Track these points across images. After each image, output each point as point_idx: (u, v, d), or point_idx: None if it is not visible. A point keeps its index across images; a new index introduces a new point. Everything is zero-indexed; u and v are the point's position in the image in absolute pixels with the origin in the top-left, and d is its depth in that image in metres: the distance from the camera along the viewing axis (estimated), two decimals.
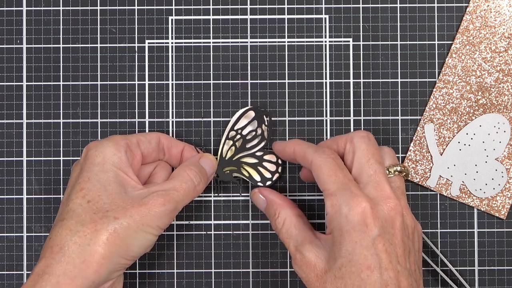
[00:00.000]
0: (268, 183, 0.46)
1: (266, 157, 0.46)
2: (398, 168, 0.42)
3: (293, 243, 0.41)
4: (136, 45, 0.49)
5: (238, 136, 0.46)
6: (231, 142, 0.46)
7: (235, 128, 0.46)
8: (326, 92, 0.48)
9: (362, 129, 0.48)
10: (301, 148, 0.42)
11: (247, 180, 0.46)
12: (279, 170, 0.46)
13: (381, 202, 0.38)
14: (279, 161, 0.47)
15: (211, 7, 0.49)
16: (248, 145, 0.46)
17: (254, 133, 0.46)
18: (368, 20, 0.49)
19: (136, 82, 0.48)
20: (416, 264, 0.40)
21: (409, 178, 0.48)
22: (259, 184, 0.46)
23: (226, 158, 0.46)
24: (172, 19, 0.49)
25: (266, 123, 0.46)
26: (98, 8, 0.49)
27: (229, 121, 0.47)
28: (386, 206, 0.38)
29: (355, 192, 0.38)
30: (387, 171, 0.41)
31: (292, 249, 0.41)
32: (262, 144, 0.46)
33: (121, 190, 0.40)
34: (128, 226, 0.38)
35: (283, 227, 0.42)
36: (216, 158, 0.46)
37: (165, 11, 0.49)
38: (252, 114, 0.46)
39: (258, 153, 0.46)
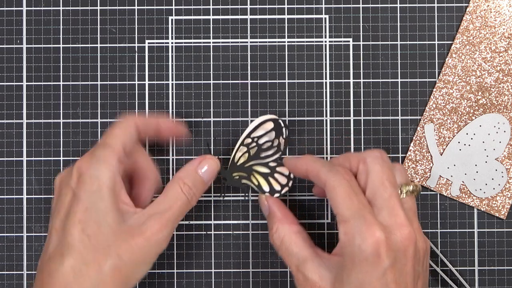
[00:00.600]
0: (276, 195, 0.45)
1: (278, 169, 0.45)
2: (410, 188, 0.40)
3: (294, 263, 0.40)
4: (136, 45, 0.49)
5: (253, 144, 0.44)
6: (245, 149, 0.45)
7: (252, 135, 0.44)
8: (326, 92, 0.48)
9: (362, 129, 0.48)
10: (314, 167, 0.40)
11: (256, 188, 0.45)
12: (290, 184, 0.45)
13: (395, 230, 0.37)
14: (291, 176, 0.45)
15: (211, 7, 0.49)
16: (262, 154, 0.45)
17: (270, 143, 0.45)
18: (368, 20, 0.49)
19: (136, 82, 0.48)
20: (423, 286, 0.39)
21: (409, 178, 0.48)
22: (267, 194, 0.45)
23: (238, 164, 0.45)
24: (172, 19, 0.49)
25: (284, 136, 0.45)
26: (98, 8, 0.49)
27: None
28: (400, 234, 0.37)
29: (369, 221, 0.37)
30: (399, 191, 0.40)
31: (293, 269, 0.40)
32: (277, 155, 0.45)
33: (119, 218, 0.38)
34: (130, 262, 0.37)
35: (282, 244, 0.41)
36: (219, 158, 0.45)
37: (165, 11, 0.49)
38: (271, 125, 0.45)
39: (271, 164, 0.45)
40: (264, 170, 0.45)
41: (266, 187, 0.45)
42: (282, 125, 0.45)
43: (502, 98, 0.48)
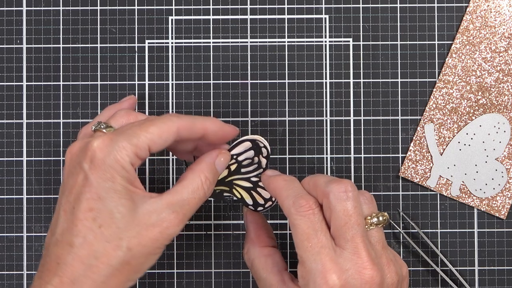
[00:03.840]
0: (260, 209, 0.43)
1: (261, 183, 0.43)
2: (375, 221, 0.38)
3: (262, 286, 0.40)
4: (136, 45, 0.49)
5: (233, 161, 0.42)
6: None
7: (232, 153, 0.42)
8: (326, 92, 0.48)
9: (362, 129, 0.48)
10: (281, 195, 0.39)
11: (239, 201, 0.43)
12: (273, 199, 0.43)
13: (355, 273, 0.36)
14: None
15: (211, 7, 0.49)
16: (243, 170, 0.43)
17: (250, 160, 0.42)
18: (368, 20, 0.49)
19: (136, 82, 0.48)
20: None
21: (409, 179, 0.48)
22: (250, 207, 0.43)
23: (219, 179, 0.42)
24: (172, 19, 0.49)
25: (263, 155, 0.42)
26: (98, 8, 0.49)
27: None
28: (361, 278, 0.36)
29: (326, 266, 0.36)
30: (365, 223, 0.38)
31: None
32: (259, 171, 0.43)
33: (132, 206, 0.36)
34: (140, 256, 0.36)
35: (252, 267, 0.40)
36: None
37: (165, 11, 0.49)
38: (249, 145, 0.42)
39: (254, 179, 0.43)
40: (246, 184, 0.43)
41: (249, 200, 0.43)
42: (261, 145, 0.42)
43: (502, 98, 0.48)
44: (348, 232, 0.36)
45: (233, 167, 0.42)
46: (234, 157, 0.42)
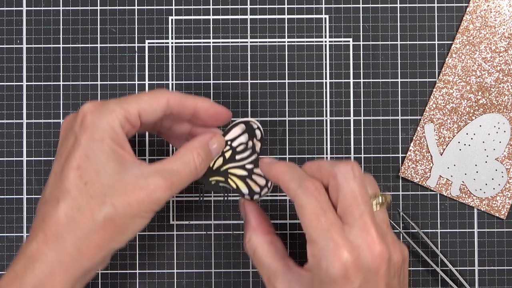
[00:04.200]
0: (256, 197, 0.43)
1: (256, 170, 0.43)
2: (380, 200, 0.39)
3: (266, 274, 0.39)
4: (136, 45, 0.49)
5: (227, 147, 0.42)
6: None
7: (225, 139, 0.42)
8: (326, 92, 0.48)
9: (362, 129, 0.48)
10: (284, 179, 0.39)
11: (235, 191, 0.43)
12: (269, 184, 0.43)
13: (366, 249, 0.36)
14: None
15: (211, 7, 0.49)
16: (238, 157, 0.43)
17: (244, 145, 0.43)
18: (368, 20, 0.49)
19: (136, 82, 0.48)
20: None
21: (409, 178, 0.48)
22: (246, 197, 0.43)
23: (214, 168, 0.42)
24: (172, 19, 0.49)
25: (257, 138, 0.43)
26: (98, 8, 0.49)
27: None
28: (371, 254, 0.36)
29: (337, 242, 0.36)
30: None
31: (265, 279, 0.39)
32: (253, 157, 0.43)
33: (120, 169, 0.37)
34: (125, 214, 0.36)
35: (254, 255, 0.40)
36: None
37: (165, 11, 0.49)
38: (243, 127, 0.43)
39: (248, 166, 0.43)
40: (241, 172, 0.43)
41: (244, 190, 0.43)
42: (255, 126, 0.43)
43: (502, 98, 0.48)
44: (356, 210, 0.37)
45: (227, 154, 0.42)
46: (228, 143, 0.42)
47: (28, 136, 0.48)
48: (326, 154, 0.48)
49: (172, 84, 0.48)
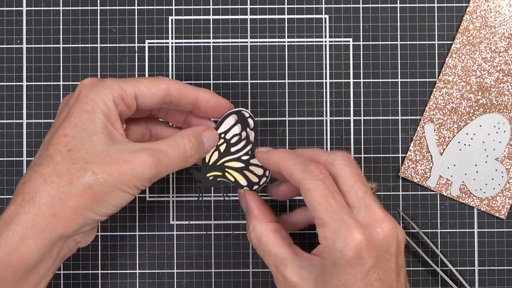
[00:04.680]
0: (255, 187, 0.43)
1: (252, 161, 0.43)
2: (373, 186, 0.40)
3: (273, 263, 0.39)
4: (136, 45, 0.49)
5: (222, 141, 0.42)
6: (214, 147, 0.43)
7: (218, 132, 0.42)
8: (326, 92, 0.48)
9: (362, 129, 0.48)
10: (286, 165, 0.39)
11: (233, 184, 0.43)
12: (267, 174, 0.43)
13: (376, 228, 0.37)
14: None
15: (211, 7, 0.49)
16: (233, 149, 0.43)
17: (238, 137, 0.43)
18: (368, 20, 0.49)
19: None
20: (405, 278, 0.39)
21: (409, 179, 0.48)
22: (246, 188, 0.43)
23: (210, 164, 0.42)
24: (172, 19, 0.49)
25: (250, 127, 0.43)
26: (98, 8, 0.49)
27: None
28: (382, 232, 0.37)
29: (349, 223, 0.36)
30: None
31: (272, 268, 0.39)
32: (248, 147, 0.43)
33: (107, 141, 0.37)
34: (104, 183, 0.36)
35: (260, 244, 0.40)
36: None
37: (165, 11, 0.49)
38: (235, 117, 0.43)
39: (244, 157, 0.43)
40: (238, 164, 0.43)
41: (243, 182, 0.43)
42: (247, 115, 0.42)
43: (502, 98, 0.48)
44: (359, 191, 0.38)
45: (222, 148, 0.42)
46: (222, 135, 0.42)
47: (28, 136, 0.48)
48: None
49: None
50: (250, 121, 0.43)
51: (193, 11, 0.49)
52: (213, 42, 0.49)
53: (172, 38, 0.49)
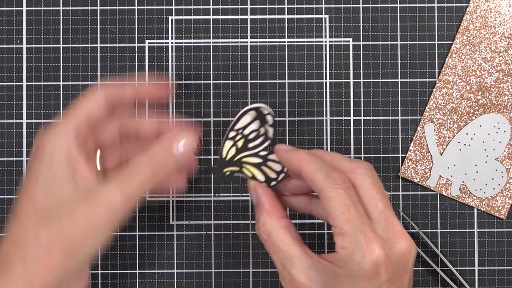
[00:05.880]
0: (273, 183, 0.42)
1: (270, 156, 0.42)
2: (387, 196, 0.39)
3: (281, 260, 0.38)
4: (136, 45, 0.49)
5: (239, 136, 0.42)
6: (231, 142, 0.42)
7: (235, 128, 0.42)
8: (326, 92, 0.48)
9: (362, 129, 0.48)
10: (309, 169, 0.38)
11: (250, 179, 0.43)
12: (285, 169, 0.42)
13: (395, 244, 0.36)
14: None
15: (211, 7, 0.49)
16: (251, 145, 0.42)
17: (256, 132, 0.42)
18: (368, 20, 0.49)
19: (136, 82, 0.48)
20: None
21: (409, 179, 0.48)
22: (257, 182, 0.42)
23: (227, 159, 0.42)
24: (172, 19, 0.49)
25: (269, 123, 0.42)
26: (98, 8, 0.49)
27: (230, 121, 0.46)
28: (401, 248, 0.36)
29: (369, 236, 0.35)
30: None
31: (279, 266, 0.38)
32: (266, 143, 0.42)
33: (70, 187, 0.36)
34: (73, 233, 0.35)
35: (269, 239, 0.38)
36: (200, 138, 0.42)
37: (165, 11, 0.49)
38: (253, 114, 0.42)
39: (262, 153, 0.42)
40: (256, 160, 0.42)
41: (261, 177, 0.42)
42: (265, 112, 0.42)
43: (502, 98, 0.48)
44: (380, 203, 0.37)
45: (240, 143, 0.42)
46: (240, 131, 0.42)
47: (28, 136, 0.48)
48: None
49: (172, 84, 0.48)
50: (269, 117, 0.42)
51: (193, 11, 0.49)
52: (213, 42, 0.49)
53: (172, 38, 0.49)
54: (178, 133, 0.39)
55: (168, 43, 0.49)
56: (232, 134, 0.42)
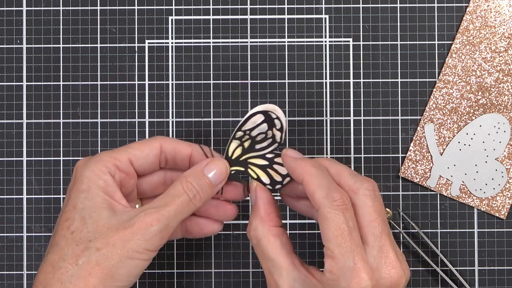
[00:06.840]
0: (278, 186, 0.41)
1: (277, 159, 0.41)
2: (389, 214, 0.39)
3: (268, 268, 0.38)
4: (136, 45, 0.49)
5: (246, 137, 0.41)
6: (238, 142, 0.41)
7: (243, 128, 0.41)
8: (326, 92, 0.48)
9: (362, 129, 0.48)
10: (310, 184, 0.37)
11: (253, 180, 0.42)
12: None
13: (384, 273, 0.36)
14: None
15: (211, 7, 0.49)
16: (258, 146, 0.42)
17: (264, 135, 0.41)
18: (368, 20, 0.49)
19: (136, 82, 0.48)
20: None
21: (409, 179, 0.48)
22: (268, 187, 0.41)
23: (233, 158, 0.41)
24: (172, 19, 0.49)
25: (277, 127, 0.41)
26: (98, 8, 0.49)
27: (237, 121, 0.45)
28: (389, 279, 0.36)
29: (357, 265, 0.35)
30: None
31: (266, 272, 0.38)
32: (273, 146, 0.42)
33: (108, 214, 0.37)
34: (110, 256, 0.35)
35: (258, 245, 0.39)
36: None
37: (165, 11, 0.49)
38: (261, 117, 0.41)
39: (269, 155, 0.42)
40: (262, 162, 0.42)
41: (266, 179, 0.41)
42: (274, 116, 0.41)
43: (502, 98, 0.48)
44: (376, 228, 0.37)
45: (246, 144, 0.41)
46: (247, 132, 0.41)
47: (28, 136, 0.48)
48: (326, 154, 0.48)
49: (172, 84, 0.48)
50: (277, 122, 0.41)
51: (193, 11, 0.49)
52: (213, 42, 0.49)
53: (172, 38, 0.49)
54: (207, 162, 0.40)
55: (168, 43, 0.49)
56: (239, 134, 0.41)
